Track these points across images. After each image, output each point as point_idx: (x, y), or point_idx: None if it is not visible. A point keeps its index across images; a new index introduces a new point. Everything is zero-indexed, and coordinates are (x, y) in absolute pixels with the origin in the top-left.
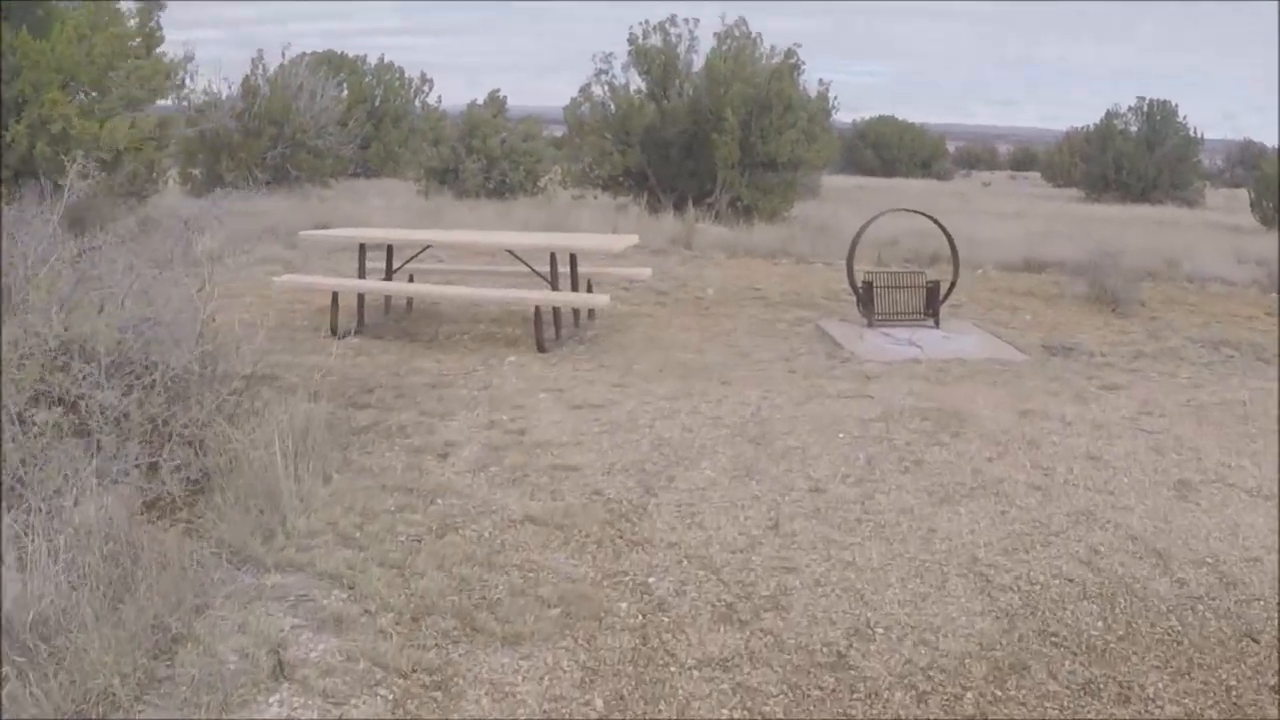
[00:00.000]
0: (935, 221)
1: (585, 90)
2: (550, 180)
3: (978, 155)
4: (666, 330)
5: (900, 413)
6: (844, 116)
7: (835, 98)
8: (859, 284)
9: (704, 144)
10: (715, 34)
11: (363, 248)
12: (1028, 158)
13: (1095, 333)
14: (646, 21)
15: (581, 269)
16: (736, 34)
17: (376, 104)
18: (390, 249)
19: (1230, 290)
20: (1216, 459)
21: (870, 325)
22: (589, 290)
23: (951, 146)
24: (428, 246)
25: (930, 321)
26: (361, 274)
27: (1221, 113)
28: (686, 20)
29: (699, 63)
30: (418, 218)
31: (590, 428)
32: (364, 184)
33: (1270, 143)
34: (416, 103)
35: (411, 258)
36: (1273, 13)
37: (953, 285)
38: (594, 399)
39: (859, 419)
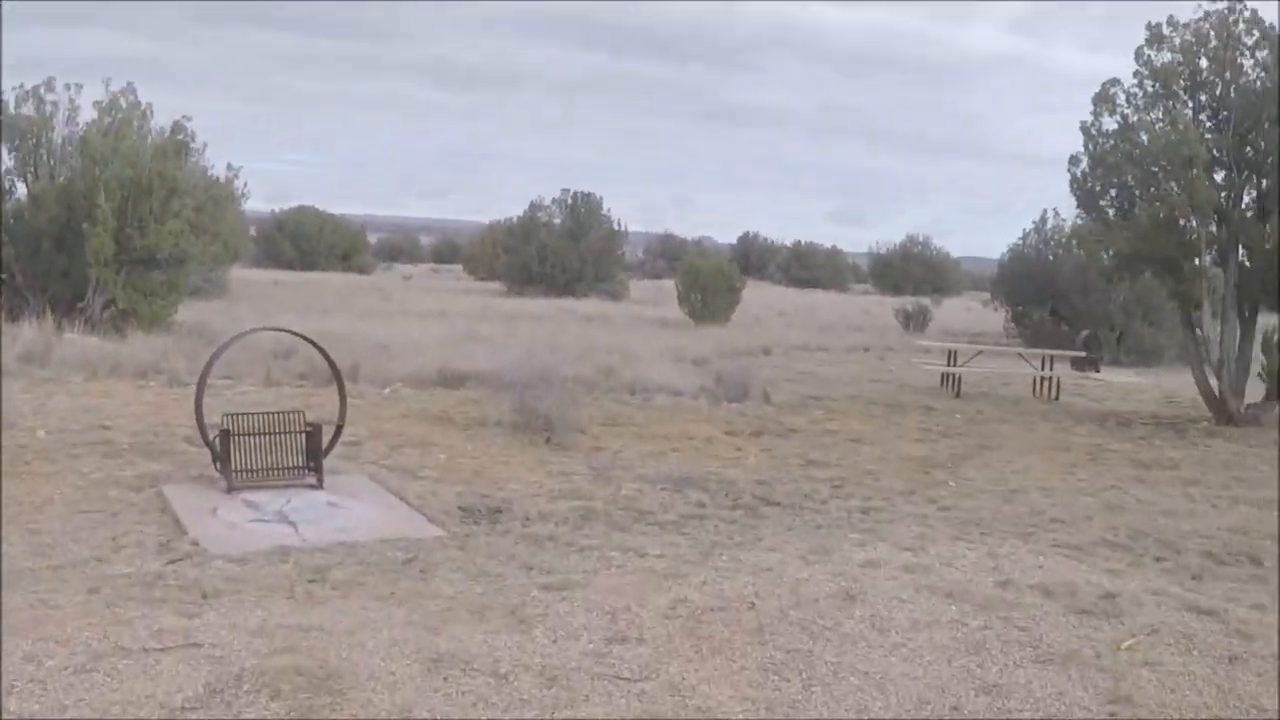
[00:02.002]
0: (315, 346)
1: None
2: None
3: (400, 247)
4: None
5: (237, 684)
6: (265, 206)
7: (245, 185)
8: (214, 434)
9: (78, 235)
10: (95, 104)
11: None
12: (451, 250)
13: (529, 478)
14: (21, 86)
15: None
16: (123, 104)
17: None
18: None
19: (677, 401)
20: None
21: (231, 489)
22: None
23: (375, 238)
24: None
25: (313, 478)
26: None
27: (641, 207)
28: (68, 86)
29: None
30: None
31: None
32: None
33: (688, 237)
34: None
35: None
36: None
37: (338, 431)
38: None
39: (161, 710)
